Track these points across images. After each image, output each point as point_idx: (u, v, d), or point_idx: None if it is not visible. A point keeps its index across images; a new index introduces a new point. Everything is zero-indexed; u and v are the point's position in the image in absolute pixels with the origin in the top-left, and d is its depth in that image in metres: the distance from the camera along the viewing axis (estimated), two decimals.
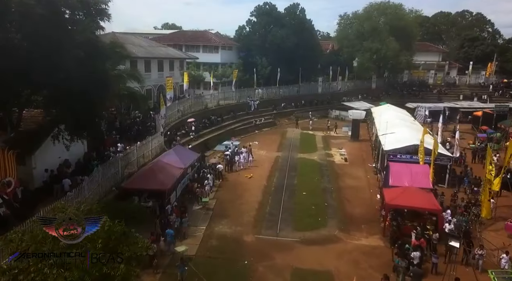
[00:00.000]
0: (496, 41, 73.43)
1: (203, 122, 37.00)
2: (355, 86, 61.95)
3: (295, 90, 53.81)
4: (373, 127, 41.48)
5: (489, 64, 64.22)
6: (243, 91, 46.47)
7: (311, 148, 35.78)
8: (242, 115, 43.93)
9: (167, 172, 21.00)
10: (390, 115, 38.76)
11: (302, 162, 31.21)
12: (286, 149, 35.25)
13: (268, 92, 50.08)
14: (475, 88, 61.80)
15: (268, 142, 37.27)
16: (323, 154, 33.97)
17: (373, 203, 23.18)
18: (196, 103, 38.42)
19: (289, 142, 37.77)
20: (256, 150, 33.73)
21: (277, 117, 47.85)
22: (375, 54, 56.74)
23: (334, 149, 35.50)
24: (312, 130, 43.76)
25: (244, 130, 41.37)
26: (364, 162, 31.90)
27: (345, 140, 39.42)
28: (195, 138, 33.36)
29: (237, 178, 27.23)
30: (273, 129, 44.42)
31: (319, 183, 26.54)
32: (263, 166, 29.74)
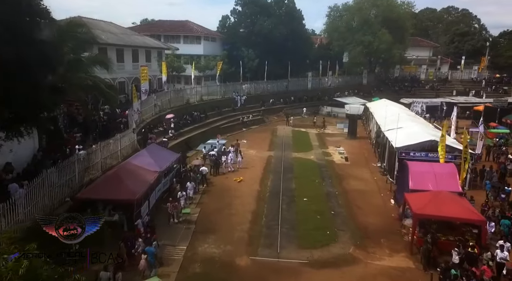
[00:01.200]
0: (486, 36, 71.26)
1: (184, 119, 32.52)
2: (345, 81, 58.49)
3: (284, 85, 49.87)
4: (370, 123, 37.93)
5: (481, 58, 61.87)
6: (228, 86, 42.16)
7: (306, 147, 31.77)
8: (228, 111, 39.65)
9: (137, 177, 16.53)
10: (391, 110, 35.21)
11: (298, 163, 27.14)
12: (279, 148, 31.15)
13: (256, 87, 45.94)
14: (468, 84, 59.31)
15: (258, 141, 33.09)
16: (320, 153, 29.99)
17: (388, 210, 19.26)
18: (176, 97, 33.88)
19: (281, 141, 33.68)
20: (245, 150, 29.50)
21: (265, 114, 43.76)
22: (368, 47, 53.36)
23: (332, 148, 31.58)
24: (305, 128, 39.84)
25: (230, 127, 37.08)
26: (367, 161, 28.06)
27: (341, 138, 35.59)
28: (175, 137, 28.86)
29: (225, 182, 22.95)
30: (262, 127, 40.28)
31: (320, 186, 22.48)
32: (255, 168, 25.53)
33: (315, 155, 29.28)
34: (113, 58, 30.57)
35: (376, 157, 28.85)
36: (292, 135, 36.08)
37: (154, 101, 30.03)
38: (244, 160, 26.27)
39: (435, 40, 76.10)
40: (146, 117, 28.51)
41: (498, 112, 39.02)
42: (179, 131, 30.28)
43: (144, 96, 27.81)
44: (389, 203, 20.15)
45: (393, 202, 20.12)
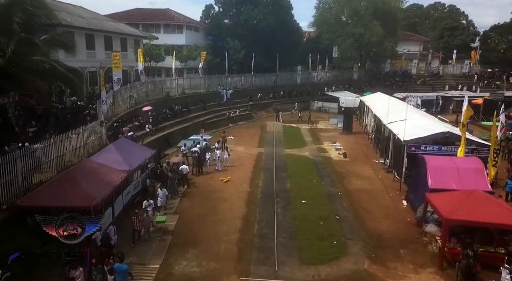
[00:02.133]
0: (476, 30, 69.68)
1: (163, 113, 29.04)
2: (335, 76, 55.78)
3: (273, 79, 46.79)
4: (365, 117, 35.19)
5: (472, 53, 60.05)
6: (213, 79, 38.80)
7: (299, 143, 28.69)
8: (213, 106, 36.33)
9: (98, 179, 13.11)
10: (388, 103, 32.50)
11: (292, 160, 24.02)
12: (269, 144, 27.99)
13: (243, 81, 42.72)
14: (460, 78, 57.35)
15: (246, 137, 29.87)
16: (314, 149, 26.95)
17: (401, 213, 16.29)
18: (155, 89, 30.36)
19: (271, 137, 30.54)
20: (232, 146, 26.25)
21: (253, 109, 40.60)
22: (358, 40, 50.73)
23: (327, 143, 28.59)
24: (296, 123, 36.82)
25: (215, 123, 33.76)
26: (368, 157, 25.13)
27: (336, 133, 32.67)
28: (152, 132, 25.42)
29: (209, 182, 19.63)
30: (250, 123, 37.09)
31: (320, 186, 19.38)
32: (243, 166, 22.28)
33: (310, 151, 26.22)
34: (82, 45, 26.94)
35: (377, 152, 25.97)
36: (283, 131, 32.99)
37: (129, 92, 26.50)
38: (232, 157, 23.02)
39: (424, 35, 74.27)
40: (120, 110, 25.02)
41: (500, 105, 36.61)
42: (157, 126, 26.83)
43: (117, 86, 24.24)
44: (401, 205, 17.20)
45: (406, 204, 17.18)
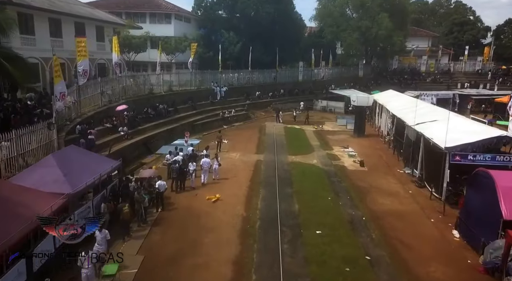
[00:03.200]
0: (486, 26, 65.20)
1: (145, 112, 24.33)
2: (339, 74, 51.20)
3: (272, 76, 42.16)
4: (379, 118, 30.60)
5: (485, 49, 55.58)
6: (205, 74, 34.10)
7: (305, 148, 24.00)
8: (205, 105, 31.65)
9: (9, 212, 8.39)
10: (406, 101, 27.96)
11: (298, 170, 19.30)
12: (270, 149, 23.30)
13: (239, 77, 38.06)
14: (472, 76, 52.79)
15: (242, 141, 25.19)
16: (324, 156, 22.26)
17: (455, 251, 11.54)
18: (136, 85, 25.67)
19: (271, 140, 25.86)
20: (225, 153, 21.63)
21: (251, 109, 35.92)
22: (365, 34, 46.12)
23: (338, 148, 23.92)
24: (299, 124, 32.19)
25: (207, 124, 29.06)
26: (389, 166, 20.45)
27: (346, 136, 28.01)
28: (129, 135, 20.72)
29: (192, 203, 14.88)
30: (248, 124, 32.43)
31: (337, 207, 14.68)
32: (238, 179, 17.57)
33: (319, 158, 21.53)
34: (44, 31, 22.27)
35: (399, 160, 21.32)
36: (285, 133, 28.31)
37: (102, 87, 21.77)
38: (224, 167, 18.34)
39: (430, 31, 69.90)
40: (88, 109, 20.35)
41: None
42: (136, 128, 22.16)
43: (83, 80, 19.48)
44: (451, 236, 12.51)
45: (458, 235, 12.50)
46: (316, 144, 25.14)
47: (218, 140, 22.77)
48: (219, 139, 22.86)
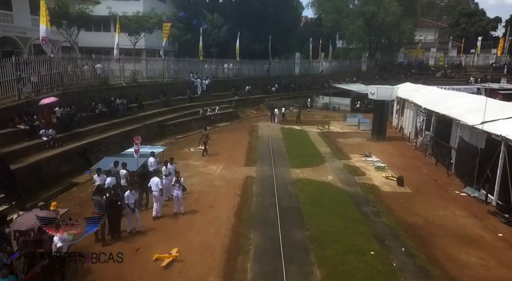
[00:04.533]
0: (496, 17, 59.34)
1: (91, 109, 17.35)
2: (341, 67, 44.79)
3: (265, 68, 35.49)
4: (401, 117, 24.16)
5: (500, 40, 49.68)
6: (182, 63, 27.15)
7: (313, 157, 17.23)
8: (181, 101, 24.81)
9: None
10: (438, 93, 21.58)
11: (309, 193, 12.51)
12: (264, 159, 16.50)
13: (226, 69, 31.23)
14: (486, 70, 46.83)
15: (227, 147, 18.39)
16: (341, 168, 15.52)
17: None
18: (80, 72, 18.59)
19: (266, 146, 19.10)
20: (200, 165, 14.85)
21: (240, 106, 29.18)
22: (370, 21, 39.74)
23: (357, 157, 17.23)
24: (300, 125, 25.57)
25: (183, 125, 22.22)
26: (440, 185, 13.74)
27: (362, 139, 21.38)
28: (55, 141, 13.76)
29: (127, 267, 8.00)
30: (235, 124, 25.70)
31: (391, 273, 8.00)
32: (215, 212, 10.71)
33: (335, 173, 14.79)
34: None
35: (448, 174, 14.72)
36: (283, 136, 21.56)
37: (20, 73, 14.73)
38: (197, 189, 11.53)
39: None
40: None
41: None
42: (73, 131, 15.21)
43: None
44: None
45: None
46: (326, 151, 18.42)
47: (204, 140, 17.04)
48: (205, 138, 17.07)
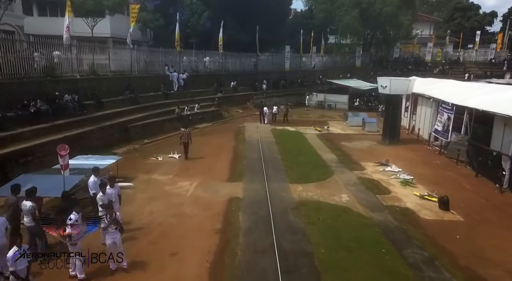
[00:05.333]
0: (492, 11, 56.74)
1: (22, 108, 12.98)
2: (333, 63, 41.16)
3: (252, 62, 31.49)
4: (413, 116, 20.50)
5: (499, 35, 46.92)
6: (156, 54, 22.86)
7: (316, 166, 13.23)
8: (153, 97, 20.54)
9: None
10: (459, 86, 17.98)
11: (321, 226, 8.53)
12: (254, 172, 12.41)
13: (208, 62, 27.04)
14: (485, 66, 43.95)
15: (206, 155, 14.24)
16: (356, 183, 11.57)
17: None
18: (14, 58, 14.19)
19: (255, 153, 15.04)
20: (167, 182, 10.69)
21: (224, 105, 25.07)
22: (366, 12, 36.18)
23: (372, 166, 13.30)
24: (295, 126, 21.67)
25: (153, 126, 17.98)
26: (495, 207, 10.03)
27: (370, 142, 17.55)
28: None
29: None
30: (218, 125, 21.62)
31: None
32: (177, 266, 6.60)
33: (349, 189, 10.84)
34: None
35: (501, 189, 10.98)
36: (276, 140, 17.53)
37: None
38: (155, 223, 7.41)
39: None
40: None
41: None
42: None
43: None
44: None
45: None
46: (331, 158, 14.47)
47: (184, 140, 13.57)
48: (186, 139, 13.58)
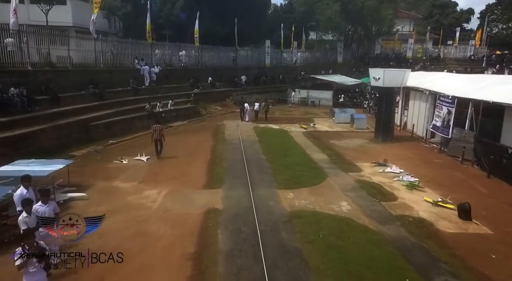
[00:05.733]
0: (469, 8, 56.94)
1: None
2: (315, 59, 39.80)
3: (231, 57, 29.56)
4: (404, 111, 19.15)
5: (478, 32, 46.88)
6: (124, 45, 20.53)
7: (306, 168, 11.50)
8: (122, 93, 18.32)
9: None
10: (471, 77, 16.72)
11: (321, 245, 6.79)
12: (235, 175, 10.54)
13: (183, 56, 24.88)
14: (465, 63, 43.72)
15: (179, 157, 12.27)
16: (353, 186, 9.88)
17: None
18: None
19: (237, 154, 13.14)
20: (131, 190, 8.62)
21: (201, 101, 23.03)
22: (349, 4, 34.96)
23: (369, 167, 11.69)
24: (279, 123, 19.91)
25: (120, 125, 15.79)
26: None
27: (362, 140, 15.99)
28: None
29: None
30: (195, 123, 19.58)
31: None
32: None
33: (348, 195, 9.14)
34: None
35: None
36: (259, 139, 15.68)
37: None
38: (109, 246, 5.41)
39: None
40: None
41: None
42: None
43: None
44: None
45: None
46: (321, 158, 12.77)
47: (156, 137, 11.96)
48: (157, 135, 11.94)
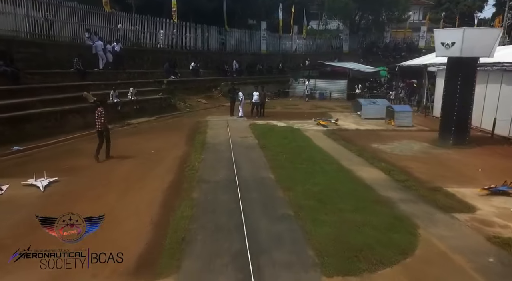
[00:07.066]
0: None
1: None
2: (317, 47, 34.18)
3: (219, 39, 23.69)
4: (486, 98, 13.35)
5: (496, 20, 41.82)
6: (66, 11, 14.45)
7: (363, 208, 5.66)
8: (59, 77, 12.22)
9: None
10: None
11: None
12: (217, 231, 4.68)
13: (156, 33, 18.89)
14: None
15: (117, 179, 6.40)
16: (505, 267, 4.31)
17: None
18: None
19: (223, 171, 7.26)
20: None
21: (178, 92, 17.04)
22: None
23: (483, 199, 6.08)
24: (282, 119, 14.04)
25: (39, 122, 9.80)
26: None
27: (421, 144, 10.28)
28: None
29: None
30: (166, 121, 13.54)
31: None
32: None
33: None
34: None
35: None
36: (259, 143, 9.73)
37: None
38: None
39: None
40: None
41: None
42: None
43: None
44: None
45: None
46: (379, 178, 6.94)
47: (98, 127, 6.84)
48: (99, 125, 6.41)
